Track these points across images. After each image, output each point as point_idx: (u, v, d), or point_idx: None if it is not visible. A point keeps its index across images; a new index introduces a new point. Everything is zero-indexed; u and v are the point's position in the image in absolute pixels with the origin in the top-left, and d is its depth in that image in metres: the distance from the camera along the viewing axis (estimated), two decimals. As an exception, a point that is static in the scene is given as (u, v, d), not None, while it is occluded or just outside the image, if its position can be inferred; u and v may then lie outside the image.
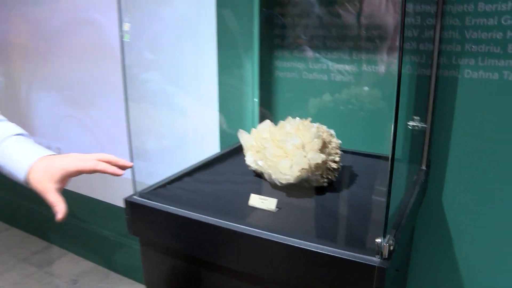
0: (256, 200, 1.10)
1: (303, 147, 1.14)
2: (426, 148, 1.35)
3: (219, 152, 1.49)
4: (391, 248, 0.83)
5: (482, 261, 1.42)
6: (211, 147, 1.67)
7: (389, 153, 0.79)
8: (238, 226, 0.97)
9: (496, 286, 1.41)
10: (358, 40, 1.50)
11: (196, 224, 1.02)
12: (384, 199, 0.79)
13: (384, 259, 0.83)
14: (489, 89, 1.28)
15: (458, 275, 1.47)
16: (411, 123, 1.38)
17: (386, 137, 1.53)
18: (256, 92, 1.67)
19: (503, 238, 1.36)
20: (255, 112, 1.75)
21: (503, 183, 1.31)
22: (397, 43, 0.81)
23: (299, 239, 0.91)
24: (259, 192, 1.17)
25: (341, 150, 1.22)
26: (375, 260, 0.83)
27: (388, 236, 0.83)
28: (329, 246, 0.88)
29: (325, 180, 1.18)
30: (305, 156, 1.12)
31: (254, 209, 1.09)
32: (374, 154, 1.50)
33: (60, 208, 0.82)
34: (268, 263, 0.94)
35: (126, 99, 1.19)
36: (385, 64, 1.47)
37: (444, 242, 1.48)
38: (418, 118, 1.38)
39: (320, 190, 1.19)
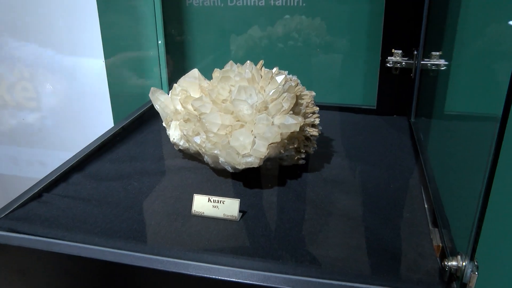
0: (203, 205, 0.73)
1: (266, 108, 0.77)
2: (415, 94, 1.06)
3: (118, 125, 1.13)
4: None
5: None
6: (102, 118, 1.36)
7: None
8: (189, 265, 0.60)
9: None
10: None
11: (104, 266, 0.63)
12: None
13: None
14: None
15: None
16: (392, 59, 1.07)
17: (352, 83, 1.28)
18: (160, 32, 1.33)
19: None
20: (162, 62, 1.37)
21: None
22: None
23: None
24: (199, 187, 0.83)
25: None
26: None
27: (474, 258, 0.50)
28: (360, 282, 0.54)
29: (302, 155, 0.85)
30: (272, 123, 0.76)
31: (202, 220, 0.72)
32: (336, 105, 1.22)
33: None
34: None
35: None
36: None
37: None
38: (400, 52, 1.06)
39: (295, 172, 0.86)
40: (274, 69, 0.85)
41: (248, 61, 0.85)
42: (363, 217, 0.71)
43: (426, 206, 0.75)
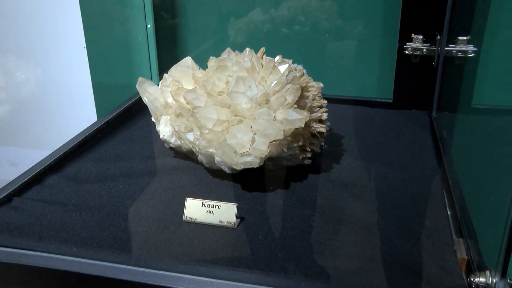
0: (196, 210, 0.75)
1: (267, 101, 0.80)
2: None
3: (101, 120, 1.15)
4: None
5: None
6: (83, 112, 1.40)
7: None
8: (180, 278, 0.62)
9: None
10: None
11: (82, 280, 0.65)
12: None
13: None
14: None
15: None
16: (411, 45, 1.07)
17: (366, 73, 1.28)
18: (149, 14, 1.35)
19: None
20: (151, 48, 1.40)
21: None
22: None
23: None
24: (192, 190, 0.85)
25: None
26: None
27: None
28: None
29: (308, 154, 0.87)
30: (274, 118, 0.78)
31: (195, 227, 0.73)
32: (347, 98, 1.24)
33: None
34: None
35: None
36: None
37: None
38: (420, 37, 1.07)
39: (299, 173, 0.88)
40: (277, 58, 0.87)
41: (248, 48, 0.86)
42: (377, 225, 0.72)
43: (449, 213, 0.75)
